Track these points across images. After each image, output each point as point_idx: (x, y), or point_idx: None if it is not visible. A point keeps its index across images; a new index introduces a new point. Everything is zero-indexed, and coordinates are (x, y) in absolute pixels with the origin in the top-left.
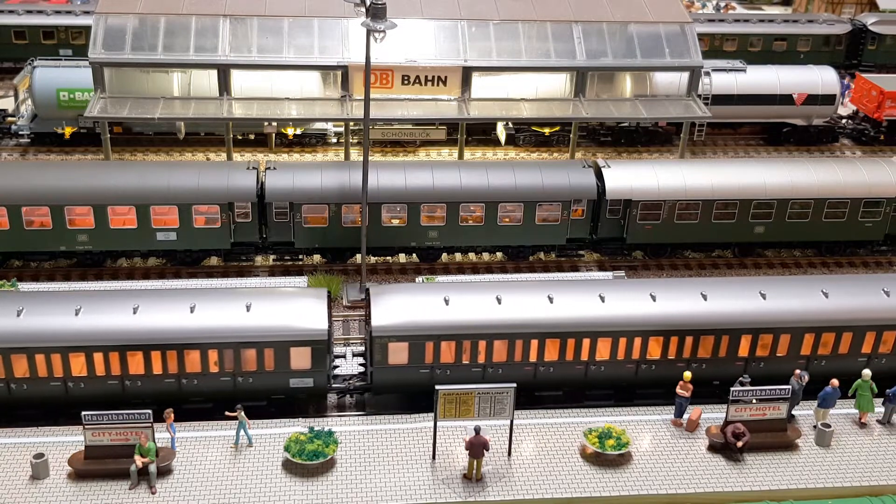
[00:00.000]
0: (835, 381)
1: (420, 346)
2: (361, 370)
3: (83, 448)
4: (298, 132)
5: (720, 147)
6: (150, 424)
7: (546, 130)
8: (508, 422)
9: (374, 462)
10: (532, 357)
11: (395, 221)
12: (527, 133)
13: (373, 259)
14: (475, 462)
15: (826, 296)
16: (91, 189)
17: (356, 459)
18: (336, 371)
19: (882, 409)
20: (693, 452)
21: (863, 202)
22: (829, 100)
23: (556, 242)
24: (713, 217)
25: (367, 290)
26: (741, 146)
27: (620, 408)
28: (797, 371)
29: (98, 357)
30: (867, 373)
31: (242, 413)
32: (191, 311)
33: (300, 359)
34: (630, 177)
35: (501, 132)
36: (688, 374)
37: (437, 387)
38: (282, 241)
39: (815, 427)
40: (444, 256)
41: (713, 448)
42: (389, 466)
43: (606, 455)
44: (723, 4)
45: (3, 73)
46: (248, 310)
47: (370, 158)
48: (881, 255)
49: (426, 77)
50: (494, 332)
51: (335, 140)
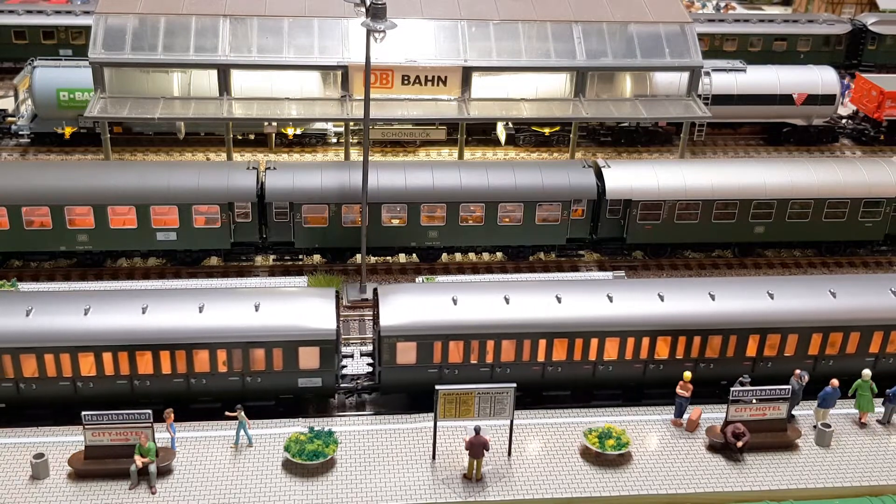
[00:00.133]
0: (835, 381)
1: (428, 346)
2: (369, 370)
3: (83, 448)
4: (298, 132)
5: (720, 147)
6: (150, 424)
7: (546, 130)
8: (508, 422)
9: (374, 462)
10: (540, 357)
11: (395, 221)
12: (527, 133)
13: (373, 259)
14: (475, 462)
15: (834, 296)
16: (91, 189)
17: (356, 459)
18: (344, 371)
19: (882, 409)
20: (693, 452)
21: (863, 202)
22: (829, 100)
23: (556, 242)
24: (713, 217)
25: (376, 290)
26: (741, 146)
27: (621, 408)
28: (797, 371)
29: (107, 357)
30: (867, 373)
31: (242, 413)
32: (199, 311)
33: (309, 358)
34: (630, 177)
35: (501, 132)
36: (688, 374)
37: (437, 387)
38: (282, 241)
39: (815, 427)
40: (444, 256)
41: (713, 448)
42: (389, 466)
43: (606, 455)
44: (723, 4)
45: (3, 73)
46: (257, 310)
47: (370, 158)
48: (881, 255)
49: (426, 77)
50: (503, 332)
51: (335, 140)
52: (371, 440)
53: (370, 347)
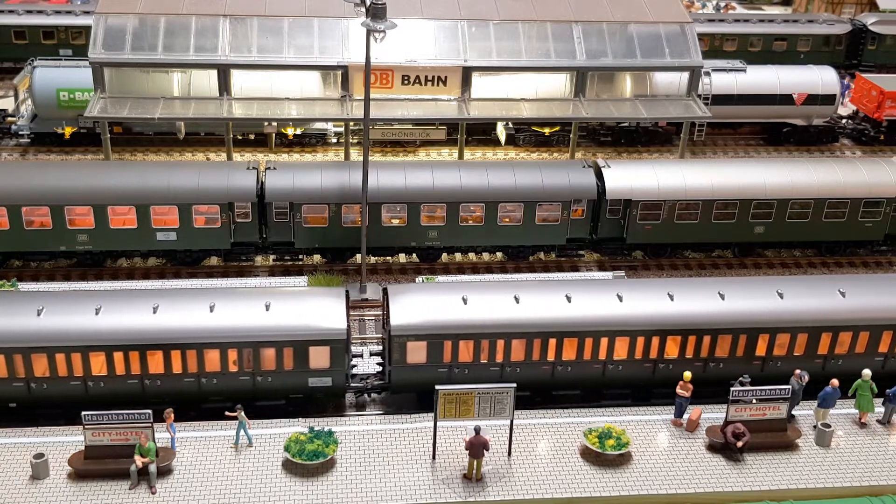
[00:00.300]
0: (835, 381)
1: (438, 346)
2: (379, 369)
3: (83, 448)
4: (298, 132)
5: (720, 147)
6: (150, 424)
7: (546, 130)
8: (508, 422)
9: (374, 462)
10: (550, 356)
11: (395, 221)
12: (527, 133)
13: (373, 259)
14: (475, 462)
15: (843, 295)
16: (91, 189)
17: (356, 459)
18: (353, 370)
19: (882, 409)
20: (693, 452)
21: (863, 202)
22: (829, 100)
23: (556, 242)
24: (713, 217)
25: (385, 290)
26: (741, 146)
27: (621, 408)
28: (797, 371)
29: (118, 356)
30: (867, 373)
31: (242, 413)
32: (210, 311)
33: (319, 358)
34: (630, 177)
35: (501, 132)
36: (688, 374)
37: (437, 387)
38: (282, 241)
39: (815, 427)
40: (444, 256)
41: (713, 448)
42: (389, 466)
43: (606, 455)
44: (723, 4)
45: (3, 73)
46: (268, 309)
47: (370, 158)
48: (881, 255)
49: (426, 77)
50: (512, 332)
51: (335, 140)
52: (371, 440)
53: (378, 347)
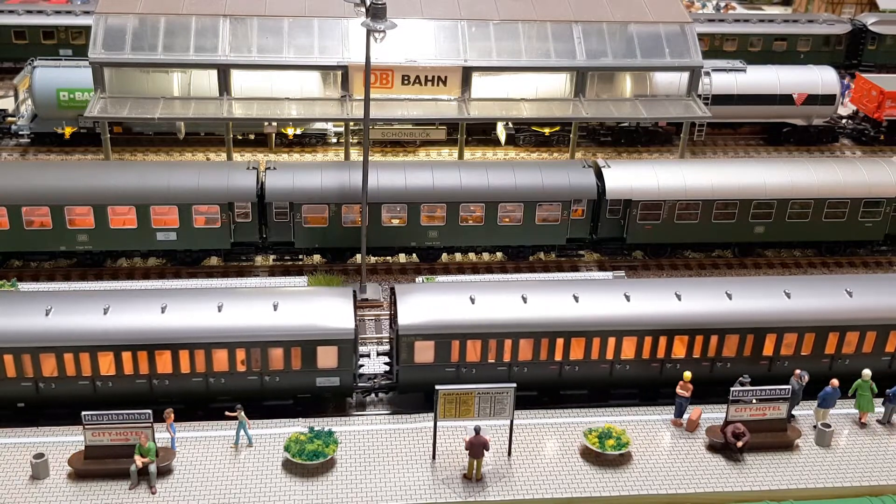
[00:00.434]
0: (835, 381)
1: (446, 345)
2: (386, 369)
3: (83, 448)
4: (298, 132)
5: (720, 147)
6: (150, 424)
7: (546, 130)
8: (508, 422)
9: (374, 462)
10: (557, 356)
11: (395, 221)
12: (527, 133)
13: (373, 259)
14: (475, 462)
15: (850, 295)
16: (91, 189)
17: (356, 459)
18: (361, 370)
19: (882, 409)
20: (693, 452)
21: (863, 202)
22: (829, 100)
23: (556, 242)
24: (713, 217)
25: (393, 290)
26: (741, 146)
27: (621, 408)
28: (797, 371)
29: (126, 356)
30: (867, 373)
31: (242, 413)
32: (218, 311)
33: (327, 358)
34: (630, 177)
35: (501, 132)
36: (688, 374)
37: (437, 387)
38: (282, 241)
39: (815, 427)
40: (444, 256)
41: (713, 448)
42: (389, 466)
43: (606, 455)
44: (723, 4)
45: (3, 73)
46: (276, 309)
47: (370, 158)
48: (881, 255)
49: (426, 77)
50: (520, 331)
51: (335, 140)
52: (371, 440)
53: (386, 346)
